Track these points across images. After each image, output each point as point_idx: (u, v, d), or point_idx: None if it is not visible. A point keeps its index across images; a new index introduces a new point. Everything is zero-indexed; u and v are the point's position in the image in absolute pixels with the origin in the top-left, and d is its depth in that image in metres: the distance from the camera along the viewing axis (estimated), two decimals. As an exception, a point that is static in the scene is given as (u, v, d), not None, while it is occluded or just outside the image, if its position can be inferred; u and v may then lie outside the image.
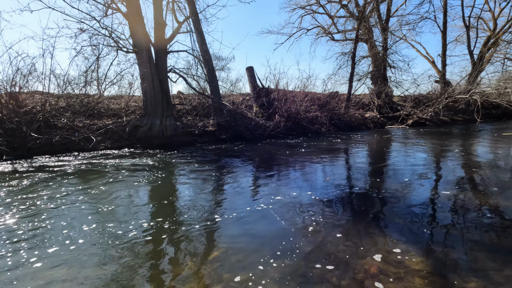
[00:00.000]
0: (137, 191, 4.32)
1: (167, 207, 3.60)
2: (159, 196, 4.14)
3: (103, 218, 3.27)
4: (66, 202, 3.83)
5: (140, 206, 3.68)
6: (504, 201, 3.57)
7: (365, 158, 7.06)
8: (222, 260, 2.35)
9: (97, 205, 3.73)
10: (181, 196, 4.14)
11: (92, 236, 2.80)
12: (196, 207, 3.59)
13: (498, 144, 8.57)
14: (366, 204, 3.64)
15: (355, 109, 16.43)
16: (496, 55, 23.18)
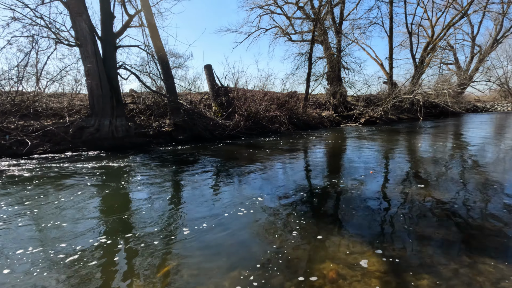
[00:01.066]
0: (82, 201, 3.83)
1: (116, 220, 3.22)
2: (107, 206, 3.71)
3: (41, 237, 2.81)
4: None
5: (86, 219, 3.24)
6: (445, 193, 3.84)
7: (323, 156, 7.23)
8: (174, 276, 2.12)
9: (35, 221, 3.20)
10: (132, 206, 3.77)
11: (29, 259, 2.36)
12: (149, 217, 3.28)
13: (437, 140, 9.41)
14: (324, 204, 3.65)
15: (312, 109, 16.94)
16: (434, 59, 25.70)
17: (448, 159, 6.36)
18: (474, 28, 28.52)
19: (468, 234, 2.68)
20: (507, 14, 25.89)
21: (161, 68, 10.41)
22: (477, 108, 28.90)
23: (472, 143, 8.60)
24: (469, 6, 22.22)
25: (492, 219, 3.01)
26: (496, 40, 27.56)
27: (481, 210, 3.26)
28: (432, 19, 24.54)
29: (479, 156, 6.62)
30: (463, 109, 24.27)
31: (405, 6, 22.56)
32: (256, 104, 12.82)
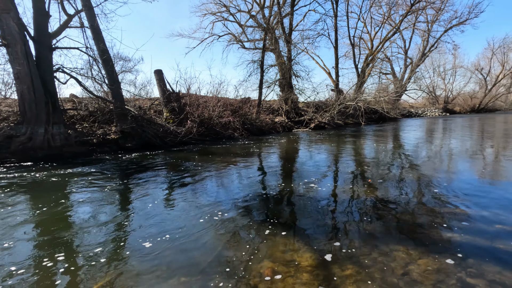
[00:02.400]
0: (10, 221, 3.44)
1: (51, 241, 2.97)
2: (39, 225, 3.39)
3: None
4: None
5: (15, 242, 2.93)
6: (383, 191, 4.28)
7: (277, 160, 7.47)
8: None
9: None
10: (71, 221, 3.50)
11: None
12: (88, 236, 3.08)
13: (378, 143, 10.37)
14: (273, 207, 3.80)
15: (265, 114, 17.41)
16: (374, 69, 28.29)
17: (387, 160, 7.07)
18: (406, 43, 32.14)
19: (392, 226, 3.03)
20: (431, 32, 29.74)
21: (106, 73, 9.83)
22: (410, 113, 32.43)
23: (407, 145, 9.67)
24: (401, 24, 25.05)
25: (418, 212, 3.44)
26: (424, 53, 31.41)
27: (409, 205, 3.70)
28: (371, 33, 27.12)
29: (413, 156, 7.48)
30: (399, 115, 27.06)
31: (348, 20, 24.61)
32: (209, 110, 12.77)
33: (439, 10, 27.27)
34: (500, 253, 2.40)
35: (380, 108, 19.94)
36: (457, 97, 40.35)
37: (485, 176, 5.06)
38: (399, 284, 2.04)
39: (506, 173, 5.19)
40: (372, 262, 2.33)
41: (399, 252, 2.47)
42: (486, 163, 6.30)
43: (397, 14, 26.82)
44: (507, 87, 41.01)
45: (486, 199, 3.76)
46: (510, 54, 39.62)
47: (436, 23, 29.16)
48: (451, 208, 3.47)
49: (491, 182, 4.59)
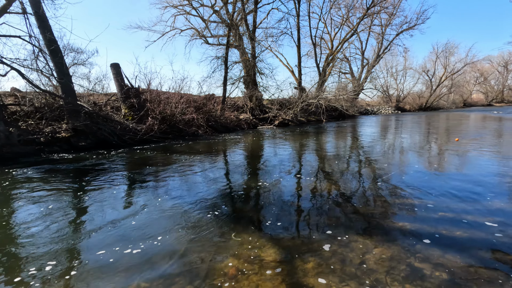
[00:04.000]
0: None
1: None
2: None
3: None
4: None
5: None
6: (343, 184, 4.48)
7: (242, 157, 7.45)
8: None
9: None
10: (11, 236, 3.14)
11: None
12: (35, 251, 2.79)
13: (338, 139, 10.87)
14: (239, 204, 3.78)
15: (230, 111, 17.30)
16: (334, 69, 29.55)
17: (347, 154, 7.43)
18: (363, 44, 34.08)
19: (351, 218, 3.19)
20: (385, 35, 31.84)
21: (54, 65, 8.99)
22: (367, 111, 34.49)
23: (364, 141, 10.26)
24: (358, 26, 26.44)
25: (373, 203, 3.66)
26: (379, 55, 33.54)
27: (365, 197, 3.92)
28: (332, 33, 28.28)
29: (369, 151, 7.94)
30: (357, 112, 28.68)
31: (309, 20, 25.32)
32: (172, 107, 12.34)
33: (391, 15, 29.30)
34: (443, 238, 2.65)
35: (340, 106, 20.93)
36: (407, 96, 43.80)
37: (431, 168, 5.55)
38: (356, 273, 2.15)
39: (448, 165, 5.75)
40: (332, 253, 2.43)
41: (357, 242, 2.61)
42: (432, 156, 6.93)
43: (355, 16, 28.27)
44: (449, 87, 45.55)
45: (431, 189, 4.13)
46: (451, 58, 44.04)
47: (389, 27, 31.34)
48: (401, 199, 3.76)
49: (436, 174, 5.06)
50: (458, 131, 12.57)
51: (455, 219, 3.05)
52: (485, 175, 4.86)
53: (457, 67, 43.88)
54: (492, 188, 4.10)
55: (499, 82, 60.72)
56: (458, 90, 50.96)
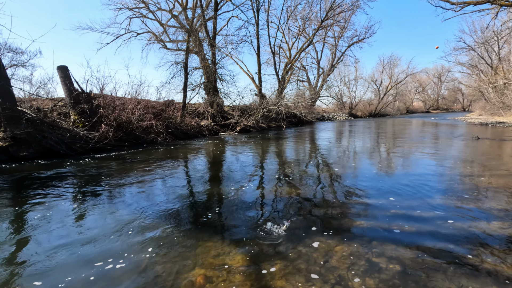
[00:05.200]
0: None
1: None
2: None
3: None
4: None
5: None
6: (304, 189, 4.65)
7: (204, 164, 7.33)
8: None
9: None
10: None
11: None
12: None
13: (298, 144, 11.26)
14: (202, 211, 3.71)
15: (191, 118, 16.96)
16: (293, 77, 30.68)
17: (306, 159, 7.72)
18: (318, 54, 35.88)
19: (313, 220, 3.32)
20: (338, 47, 34.02)
21: (-12, 66, 8.00)
22: (324, 117, 36.32)
23: (322, 145, 10.77)
24: (313, 37, 27.91)
25: (332, 204, 3.85)
26: (333, 65, 35.66)
27: (325, 199, 4.12)
28: (289, 43, 29.41)
29: (326, 155, 8.36)
30: (314, 118, 30.06)
31: (268, 29, 26.09)
32: (128, 113, 11.72)
33: (343, 28, 31.47)
34: (395, 233, 2.90)
35: (299, 112, 21.76)
36: (359, 104, 47.11)
37: (382, 169, 6.04)
38: (321, 271, 2.26)
39: (396, 166, 6.31)
40: (297, 255, 2.52)
41: (320, 243, 2.74)
42: (382, 158, 7.55)
43: (311, 28, 29.81)
44: (394, 96, 50.07)
45: (383, 189, 4.50)
46: (395, 69, 48.62)
47: (341, 39, 33.57)
48: (358, 199, 4.03)
49: (386, 174, 5.51)
50: (403, 135, 13.85)
51: (405, 215, 3.36)
52: (427, 174, 5.44)
53: (400, 77, 48.56)
54: (433, 186, 4.60)
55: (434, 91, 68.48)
56: (402, 98, 56.31)
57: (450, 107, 69.03)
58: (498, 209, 3.50)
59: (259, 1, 23.18)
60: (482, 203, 3.71)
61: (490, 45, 27.90)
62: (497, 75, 27.26)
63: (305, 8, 27.98)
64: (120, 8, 18.42)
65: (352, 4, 27.61)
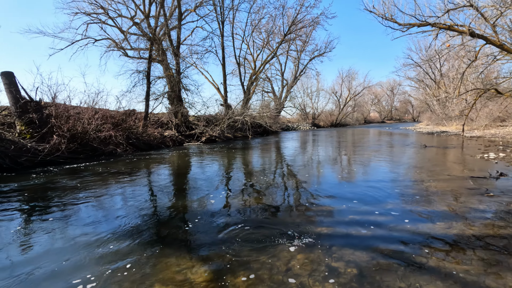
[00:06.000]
0: None
1: None
2: None
3: None
4: None
5: None
6: (269, 198, 4.69)
7: (168, 176, 7.07)
8: None
9: None
10: None
11: None
12: None
13: (264, 154, 11.39)
14: (164, 226, 3.57)
15: (154, 128, 16.39)
16: (258, 88, 31.25)
17: (272, 168, 7.83)
18: (282, 66, 37.09)
19: (277, 230, 3.37)
20: (300, 60, 35.52)
21: None
22: (288, 127, 37.32)
23: (287, 155, 11.02)
24: (277, 50, 28.83)
25: (295, 213, 3.94)
26: (296, 77, 37.05)
27: (291, 207, 4.20)
28: (254, 55, 30.05)
29: (291, 164, 8.56)
30: (279, 128, 30.76)
31: (233, 41, 26.46)
32: (84, 123, 11.00)
33: (305, 42, 33.02)
34: (353, 238, 3.05)
35: (264, 122, 22.14)
36: (321, 114, 49.27)
37: (343, 177, 6.35)
38: (283, 280, 2.29)
39: (356, 173, 6.68)
40: (261, 265, 2.53)
41: (283, 252, 2.78)
42: (343, 166, 7.94)
43: (274, 41, 30.80)
44: (352, 107, 53.24)
45: (343, 195, 4.72)
46: (353, 82, 51.93)
47: (304, 52, 35.16)
48: (319, 206, 4.18)
49: (346, 181, 5.80)
50: (362, 144, 14.72)
51: (362, 220, 3.56)
52: (382, 180, 5.83)
53: (358, 90, 51.96)
54: (387, 191, 4.94)
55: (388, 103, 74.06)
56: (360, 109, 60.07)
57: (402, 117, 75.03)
58: (441, 210, 3.86)
59: (223, 13, 23.50)
60: (429, 206, 4.06)
61: (433, 62, 31.12)
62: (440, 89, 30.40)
63: (268, 22, 28.89)
64: (76, 13, 17.44)
65: (312, 20, 29.15)
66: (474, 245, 2.79)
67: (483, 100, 17.39)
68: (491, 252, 2.63)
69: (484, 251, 2.66)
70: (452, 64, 28.45)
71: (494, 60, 14.61)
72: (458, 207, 3.96)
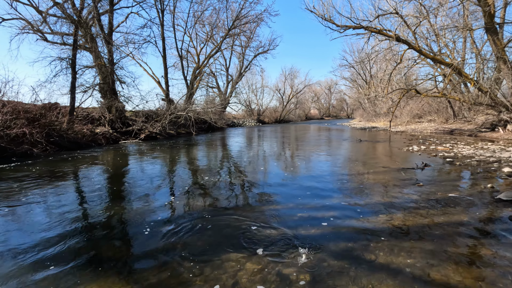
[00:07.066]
0: None
1: None
2: None
3: None
4: None
5: None
6: (215, 198, 4.33)
7: (100, 179, 6.11)
8: None
9: None
10: None
11: None
12: None
13: (209, 151, 10.91)
14: (95, 239, 2.95)
15: (82, 124, 14.48)
16: (202, 82, 30.25)
17: (218, 165, 7.45)
18: (227, 62, 36.58)
19: (223, 235, 3.06)
20: (245, 56, 35.49)
21: None
22: (234, 123, 37.12)
23: (233, 151, 10.74)
24: (221, 44, 28.27)
25: (243, 215, 3.66)
26: (241, 73, 36.93)
27: (238, 208, 3.91)
28: (197, 48, 28.93)
29: (237, 161, 8.29)
30: (225, 125, 30.35)
31: (174, 32, 25.03)
32: (-14, 119, 9.04)
33: (249, 38, 33.07)
34: (302, 240, 2.91)
35: (209, 118, 21.49)
36: (266, 111, 50.28)
37: (287, 173, 6.32)
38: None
39: (300, 169, 6.73)
40: (205, 280, 2.20)
41: (229, 262, 2.49)
42: (287, 162, 7.99)
43: (219, 35, 30.12)
44: (295, 104, 55.58)
45: (290, 192, 4.64)
46: (295, 80, 54.13)
47: (248, 48, 35.16)
48: (268, 205, 4.00)
49: (292, 178, 5.78)
50: (304, 139, 15.28)
51: (309, 218, 3.47)
52: (325, 175, 5.97)
53: (299, 87, 54.32)
54: (331, 187, 5.04)
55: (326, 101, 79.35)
56: (301, 106, 63.05)
57: (338, 114, 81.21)
58: (382, 203, 4.02)
59: (163, 1, 21.97)
60: (370, 199, 4.21)
61: (364, 64, 34.17)
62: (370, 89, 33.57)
63: (212, 15, 28.08)
64: (-25, -16, 14.30)
65: (256, 16, 29.27)
66: (415, 236, 2.90)
67: (405, 99, 19.65)
68: (431, 242, 2.75)
69: (424, 242, 2.76)
70: (380, 66, 31.64)
71: (414, 64, 16.55)
72: (396, 199, 4.18)
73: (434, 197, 4.18)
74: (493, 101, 13.16)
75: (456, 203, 3.90)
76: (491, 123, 14.12)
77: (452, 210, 3.63)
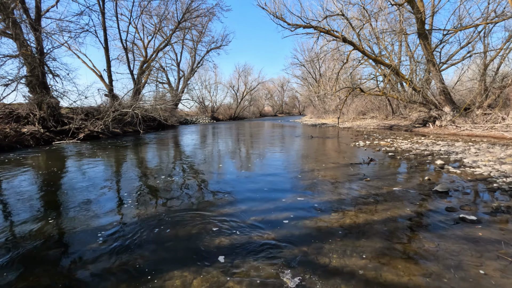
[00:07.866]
0: None
1: None
2: None
3: None
4: None
5: None
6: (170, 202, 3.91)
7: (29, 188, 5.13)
8: None
9: None
10: None
11: None
12: None
13: (160, 151, 10.19)
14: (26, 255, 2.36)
15: (5, 123, 12.48)
16: (151, 77, 28.51)
17: (170, 166, 6.92)
18: (178, 56, 35.09)
19: (170, 246, 2.73)
20: (197, 51, 34.37)
21: None
22: (187, 121, 35.83)
23: (186, 150, 10.19)
24: (171, 37, 26.91)
25: (194, 221, 3.34)
26: (193, 68, 35.73)
27: (187, 213, 3.56)
28: (145, 40, 27.11)
29: (191, 160, 7.82)
30: (177, 122, 29.06)
31: (118, 21, 23.04)
32: None
33: (201, 33, 32.04)
34: (255, 246, 2.73)
35: (158, 115, 20.30)
36: (220, 108, 49.58)
37: (242, 171, 6.13)
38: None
39: (254, 167, 6.59)
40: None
41: (173, 279, 2.19)
42: (242, 160, 7.80)
43: (168, 28, 28.61)
44: (249, 101, 55.83)
45: (244, 193, 4.45)
46: (249, 77, 54.30)
47: (200, 43, 34.09)
48: (219, 210, 3.74)
49: (246, 177, 5.59)
50: (258, 136, 15.27)
51: (263, 222, 3.31)
52: (278, 173, 5.91)
53: (253, 85, 54.67)
54: (284, 185, 4.98)
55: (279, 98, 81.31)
56: (255, 103, 63.62)
57: (291, 111, 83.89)
58: (333, 200, 4.05)
59: (103, -14, 20.01)
60: (323, 196, 4.23)
61: (314, 63, 35.65)
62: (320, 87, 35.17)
63: (160, 6, 26.56)
64: None
65: (208, 10, 28.49)
66: (366, 234, 2.92)
67: (351, 97, 20.93)
68: (380, 240, 2.78)
69: (375, 239, 2.79)
70: (328, 65, 33.28)
71: (358, 64, 17.63)
72: (347, 195, 4.26)
73: (380, 192, 4.35)
74: (424, 100, 14.66)
75: (399, 196, 4.10)
76: (423, 119, 15.75)
77: (397, 204, 3.79)
